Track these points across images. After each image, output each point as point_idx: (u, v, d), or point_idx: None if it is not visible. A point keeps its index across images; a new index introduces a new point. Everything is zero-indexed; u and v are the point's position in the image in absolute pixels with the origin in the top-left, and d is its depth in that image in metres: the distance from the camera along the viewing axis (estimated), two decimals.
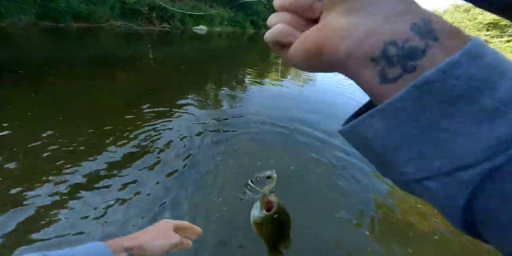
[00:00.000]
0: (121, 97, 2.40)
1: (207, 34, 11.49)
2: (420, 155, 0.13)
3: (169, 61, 4.49)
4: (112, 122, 1.85)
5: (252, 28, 19.02)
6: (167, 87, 2.92)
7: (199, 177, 1.42)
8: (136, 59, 4.06)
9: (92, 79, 2.76)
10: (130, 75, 3.22)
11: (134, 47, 5.16)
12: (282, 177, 1.17)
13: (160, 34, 8.97)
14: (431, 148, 0.13)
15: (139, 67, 3.67)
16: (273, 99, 3.09)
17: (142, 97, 2.46)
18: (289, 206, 0.39)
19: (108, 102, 2.26)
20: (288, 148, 1.91)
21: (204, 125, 2.04)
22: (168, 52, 5.55)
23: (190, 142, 1.75)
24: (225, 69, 4.61)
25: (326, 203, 1.41)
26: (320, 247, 1.13)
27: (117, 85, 2.77)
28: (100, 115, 1.97)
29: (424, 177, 0.13)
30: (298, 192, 1.45)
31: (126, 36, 6.97)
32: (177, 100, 2.51)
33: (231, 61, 5.75)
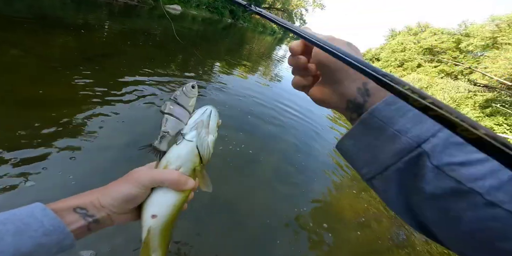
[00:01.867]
0: (47, 60, 2.08)
1: (181, 15, 10.66)
2: (367, 162, 0.23)
3: (126, 35, 4.06)
4: (31, 85, 1.62)
5: (230, 17, 18.36)
6: (112, 59, 2.64)
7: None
8: (83, 27, 3.54)
9: (15, 34, 2.31)
10: (69, 40, 2.80)
11: (85, 15, 4.47)
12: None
13: (125, 7, 7.93)
14: (371, 157, 0.23)
15: (85, 35, 3.22)
16: (236, 89, 3.12)
17: (76, 64, 2.18)
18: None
19: (28, 62, 1.94)
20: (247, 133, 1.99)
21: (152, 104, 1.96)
22: (128, 26, 4.98)
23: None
24: (191, 53, 4.40)
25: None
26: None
27: (48, 47, 2.37)
28: (10, 73, 1.70)
29: (371, 177, 0.23)
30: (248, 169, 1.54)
31: (78, 2, 5.96)
32: (121, 73, 2.31)
33: (201, 46, 5.49)
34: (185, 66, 3.43)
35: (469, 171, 0.18)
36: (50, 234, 0.23)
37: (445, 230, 0.19)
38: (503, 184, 0.17)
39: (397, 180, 0.21)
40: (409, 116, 0.21)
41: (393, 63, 18.56)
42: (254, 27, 24.73)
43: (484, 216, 0.17)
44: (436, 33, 17.39)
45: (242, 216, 1.34)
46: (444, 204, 0.19)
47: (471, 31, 14.73)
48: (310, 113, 3.53)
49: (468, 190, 0.18)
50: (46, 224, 0.23)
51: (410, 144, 0.20)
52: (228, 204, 1.37)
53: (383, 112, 0.22)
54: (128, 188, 0.29)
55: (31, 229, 0.22)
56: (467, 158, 0.19)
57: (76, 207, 0.26)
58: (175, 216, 0.32)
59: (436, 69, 15.51)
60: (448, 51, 15.90)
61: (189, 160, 0.32)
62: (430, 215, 0.20)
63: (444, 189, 0.18)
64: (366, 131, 0.23)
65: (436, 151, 0.19)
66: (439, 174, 0.19)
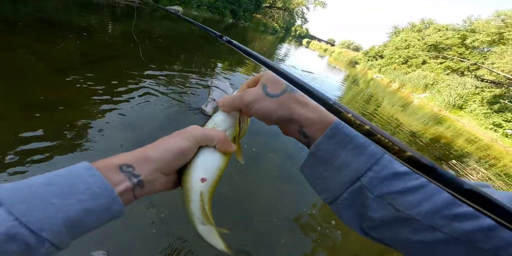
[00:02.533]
0: (53, 63, 2.09)
1: (182, 15, 10.66)
2: (322, 189, 0.26)
3: (128, 37, 4.07)
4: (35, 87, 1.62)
5: (231, 17, 18.35)
6: (116, 61, 2.65)
7: None
8: (86, 29, 3.56)
9: (20, 38, 2.33)
10: (73, 42, 2.82)
11: (88, 17, 4.50)
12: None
13: (126, 8, 7.98)
14: (324, 186, 0.25)
15: (88, 37, 3.24)
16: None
17: (81, 66, 2.18)
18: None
19: (36, 64, 1.95)
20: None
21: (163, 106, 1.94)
22: (131, 27, 5.00)
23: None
24: (193, 54, 4.40)
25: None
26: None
27: (53, 50, 2.39)
28: (22, 76, 1.71)
29: (329, 202, 0.25)
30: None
31: (80, 4, 6.01)
32: (125, 75, 2.31)
33: (202, 47, 5.49)
34: (188, 66, 3.41)
35: (407, 199, 0.20)
36: (98, 197, 0.20)
37: (401, 250, 0.21)
38: (439, 208, 0.19)
39: (348, 208, 0.24)
40: (348, 148, 0.23)
41: (397, 60, 18.32)
42: (256, 27, 24.69)
43: (427, 239, 0.19)
44: (440, 29, 17.11)
45: (248, 214, 1.31)
46: (393, 229, 0.21)
47: (476, 27, 14.47)
48: None
49: (408, 217, 0.19)
50: (93, 186, 0.20)
51: (351, 177, 0.22)
52: (234, 202, 1.35)
53: (327, 145, 0.24)
54: (179, 141, 0.27)
55: (78, 191, 0.19)
56: (404, 186, 0.20)
57: (123, 164, 0.23)
58: (218, 181, 0.31)
59: (442, 66, 15.25)
60: (453, 47, 15.63)
61: (232, 126, 0.33)
62: (383, 238, 0.22)
63: (388, 216, 0.21)
64: (316, 162, 0.25)
65: (374, 183, 0.21)
66: (381, 203, 0.21)
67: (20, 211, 0.17)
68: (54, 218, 0.18)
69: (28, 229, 0.17)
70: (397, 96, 11.35)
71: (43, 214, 0.17)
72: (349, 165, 0.23)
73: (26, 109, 1.45)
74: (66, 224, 0.18)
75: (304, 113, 0.26)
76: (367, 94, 8.20)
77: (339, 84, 8.21)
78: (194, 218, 0.29)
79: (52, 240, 0.18)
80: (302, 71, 7.12)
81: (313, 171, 0.26)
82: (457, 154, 4.65)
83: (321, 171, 0.25)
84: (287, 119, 0.27)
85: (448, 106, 11.70)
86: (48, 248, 0.18)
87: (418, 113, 8.40)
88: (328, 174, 0.24)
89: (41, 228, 0.17)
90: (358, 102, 6.00)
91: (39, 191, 0.18)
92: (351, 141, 0.23)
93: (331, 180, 0.24)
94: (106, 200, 0.21)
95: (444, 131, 6.66)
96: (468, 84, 12.19)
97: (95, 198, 0.20)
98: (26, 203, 0.17)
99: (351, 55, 28.07)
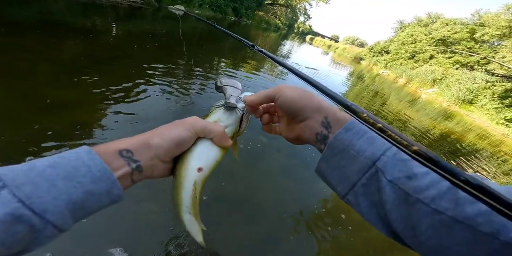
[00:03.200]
0: (59, 65, 2.11)
1: (184, 15, 10.68)
2: (339, 180, 0.27)
3: (132, 37, 4.09)
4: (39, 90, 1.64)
5: (233, 15, 18.28)
6: (120, 61, 2.66)
7: None
8: (90, 30, 3.59)
9: (27, 40, 2.37)
10: (78, 44, 2.85)
11: (91, 18, 4.54)
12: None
13: (129, 9, 8.03)
14: (342, 176, 0.27)
15: (93, 38, 3.26)
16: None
17: (86, 67, 2.19)
18: None
19: (43, 66, 1.98)
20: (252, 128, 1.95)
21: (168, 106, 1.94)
22: (134, 27, 5.02)
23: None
24: (197, 54, 4.39)
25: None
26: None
27: (58, 52, 2.42)
28: (30, 77, 1.73)
29: (345, 193, 0.26)
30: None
31: (83, 5, 6.07)
32: (130, 75, 2.32)
33: (205, 46, 5.47)
34: (191, 66, 3.41)
35: (415, 184, 0.21)
36: (98, 181, 0.20)
37: (410, 238, 0.22)
38: (444, 193, 0.20)
39: (365, 194, 0.25)
40: (364, 138, 0.25)
41: (403, 55, 17.91)
42: (258, 24, 24.53)
43: (434, 223, 0.20)
44: (448, 23, 16.64)
45: (253, 211, 1.29)
46: (404, 213, 0.22)
47: (485, 21, 14.02)
48: None
49: (416, 200, 0.21)
50: (94, 169, 0.20)
51: (367, 162, 0.24)
52: (239, 199, 1.33)
53: (344, 136, 0.26)
54: (181, 130, 0.28)
55: (80, 174, 0.20)
56: (412, 172, 0.22)
57: (123, 149, 0.24)
58: (210, 174, 0.32)
59: (450, 60, 14.84)
60: (462, 41, 15.19)
61: (234, 124, 0.35)
62: (396, 224, 0.23)
63: (400, 200, 0.22)
64: (333, 153, 0.27)
65: (387, 167, 0.23)
66: (394, 187, 0.22)
67: (24, 192, 0.17)
68: (57, 200, 0.18)
69: (31, 211, 0.17)
70: (404, 91, 11.11)
71: (46, 196, 0.17)
72: (365, 151, 0.25)
73: (35, 110, 1.47)
74: (68, 207, 0.18)
75: (328, 105, 0.29)
76: (373, 89, 8.05)
77: (344, 80, 8.08)
78: (182, 206, 0.29)
79: (55, 222, 0.18)
80: (306, 67, 7.03)
81: (330, 162, 0.28)
82: (468, 150, 4.51)
83: (338, 161, 0.27)
84: (315, 108, 0.29)
85: (457, 101, 11.40)
86: (51, 230, 0.18)
87: (426, 108, 8.20)
88: (345, 163, 0.26)
89: (45, 210, 0.17)
90: (364, 98, 5.89)
91: (43, 173, 0.18)
92: (366, 133, 0.26)
93: (348, 168, 0.26)
94: (106, 183, 0.21)
95: (453, 127, 6.49)
96: (478, 79, 11.83)
97: (95, 182, 0.20)
98: (30, 184, 0.17)
99: (355, 51, 27.62)
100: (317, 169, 0.30)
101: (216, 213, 1.20)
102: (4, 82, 1.64)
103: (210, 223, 1.12)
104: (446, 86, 12.73)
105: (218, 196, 1.29)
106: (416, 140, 3.77)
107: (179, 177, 0.29)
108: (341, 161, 0.26)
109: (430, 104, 9.84)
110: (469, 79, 12.08)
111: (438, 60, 15.43)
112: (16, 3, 3.82)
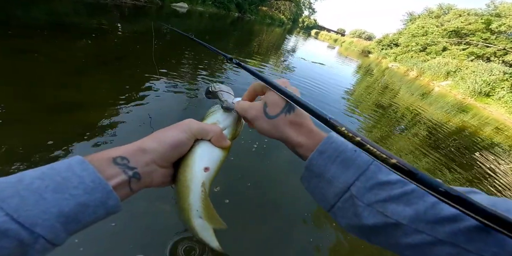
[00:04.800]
0: (67, 65, 2.11)
1: (188, 12, 10.64)
2: (320, 199, 0.28)
3: (138, 36, 4.08)
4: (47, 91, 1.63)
5: (237, 11, 18.07)
6: (127, 61, 2.65)
7: None
8: (96, 30, 3.60)
9: (35, 41, 2.39)
10: (85, 44, 2.85)
11: (97, 18, 4.56)
12: None
13: (134, 8, 8.06)
14: (322, 196, 0.27)
15: (99, 38, 3.27)
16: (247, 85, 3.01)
17: (94, 68, 2.19)
18: None
19: (51, 66, 1.98)
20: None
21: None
22: (139, 27, 5.02)
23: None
24: (203, 51, 4.34)
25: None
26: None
27: (66, 53, 2.43)
28: (39, 79, 1.73)
29: (328, 210, 0.27)
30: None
31: (88, 5, 6.12)
32: (137, 74, 2.30)
33: (211, 43, 5.41)
34: (197, 63, 3.36)
35: (392, 206, 0.22)
36: (92, 192, 0.19)
37: (398, 254, 0.23)
38: (420, 214, 0.20)
39: (343, 216, 0.26)
40: (338, 162, 0.25)
41: (414, 48, 17.22)
42: (262, 20, 24.17)
43: (416, 242, 0.20)
44: (461, 14, 15.90)
45: (265, 210, 1.25)
46: (386, 234, 0.22)
47: (502, 11, 13.34)
48: (325, 102, 3.34)
49: (396, 222, 0.21)
50: (86, 179, 0.19)
51: (341, 188, 0.25)
52: (250, 198, 1.28)
53: (318, 161, 0.26)
54: (176, 133, 0.27)
55: (71, 186, 0.19)
56: (389, 194, 0.22)
57: (117, 156, 0.22)
58: (216, 174, 0.31)
59: (465, 52, 14.18)
60: (477, 32, 14.47)
61: (231, 126, 0.35)
62: (379, 243, 0.24)
63: (380, 223, 0.22)
64: (311, 175, 0.27)
65: (362, 192, 0.23)
66: (371, 211, 0.23)
67: (11, 206, 0.16)
68: (46, 213, 0.17)
69: (19, 225, 0.16)
70: (415, 84, 10.71)
71: (35, 209, 0.17)
72: (339, 177, 0.25)
73: (44, 111, 1.45)
74: (60, 220, 0.18)
75: (295, 137, 0.28)
76: (383, 83, 7.78)
77: (351, 74, 7.85)
78: (191, 211, 0.27)
79: (47, 236, 0.17)
80: (313, 62, 6.86)
81: (310, 183, 0.28)
82: (484, 145, 4.28)
83: (316, 183, 0.27)
84: (281, 140, 0.30)
85: (473, 93, 10.88)
86: (43, 244, 0.17)
87: (439, 101, 7.87)
88: (323, 186, 0.26)
89: (34, 224, 0.17)
90: (373, 92, 5.69)
91: (31, 185, 0.18)
92: (339, 155, 0.25)
93: (326, 191, 0.26)
94: (101, 194, 0.20)
95: (469, 120, 6.19)
96: (496, 70, 11.23)
97: (89, 192, 0.19)
98: (17, 197, 0.17)
99: (363, 45, 26.82)
100: (301, 182, 0.30)
101: (227, 212, 1.16)
102: (12, 83, 1.65)
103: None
104: (461, 78, 12.17)
105: (229, 195, 1.24)
106: (427, 135, 3.60)
107: (184, 181, 0.27)
108: (319, 184, 0.27)
109: (443, 97, 9.45)
110: (486, 71, 11.48)
111: (451, 52, 14.75)
112: (24, 4, 3.88)
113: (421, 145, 3.06)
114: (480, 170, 2.91)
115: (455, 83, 12.18)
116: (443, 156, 2.93)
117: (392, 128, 3.43)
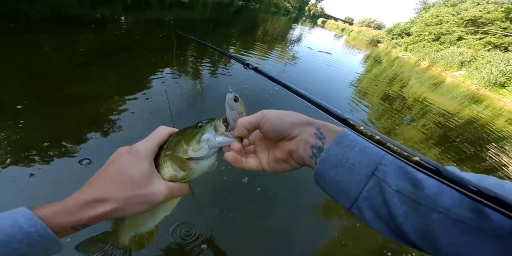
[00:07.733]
0: (73, 58, 2.12)
1: (190, 2, 10.38)
2: (339, 195, 0.26)
3: (142, 27, 4.03)
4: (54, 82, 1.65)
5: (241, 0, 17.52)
6: (132, 52, 2.63)
7: None
8: (101, 22, 3.57)
9: (41, 35, 2.39)
10: (90, 36, 2.84)
11: (100, 10, 4.51)
12: None
13: None
14: (341, 191, 0.25)
15: (104, 30, 3.24)
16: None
17: (99, 60, 2.20)
18: None
19: (58, 60, 2.00)
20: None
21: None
22: (142, 17, 4.95)
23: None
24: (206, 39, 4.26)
25: None
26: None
27: (71, 45, 2.43)
28: (46, 72, 1.75)
29: (349, 207, 0.25)
30: None
31: None
32: (142, 66, 2.29)
33: (215, 35, 5.31)
34: (202, 54, 3.31)
35: (423, 191, 0.20)
36: (36, 244, 0.20)
37: (432, 251, 0.20)
38: (459, 201, 0.18)
39: (370, 208, 0.23)
40: (356, 150, 0.24)
41: (427, 37, 16.40)
42: (267, 8, 23.41)
43: (457, 235, 0.18)
44: (479, 3, 14.85)
45: (267, 203, 1.25)
46: (420, 225, 0.20)
47: None
48: (330, 93, 3.25)
49: (432, 210, 0.19)
50: (33, 235, 0.20)
51: (365, 174, 0.23)
52: (252, 191, 1.29)
53: (337, 150, 0.25)
54: (144, 208, 0.28)
55: (15, 241, 0.19)
56: (416, 178, 0.21)
57: (76, 225, 0.24)
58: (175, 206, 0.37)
59: (482, 42, 13.42)
60: (496, 21, 13.59)
61: (204, 172, 0.34)
62: (413, 236, 0.20)
63: (412, 212, 0.20)
64: (328, 168, 0.26)
65: (388, 176, 0.22)
66: (402, 198, 0.21)
67: None
68: None
69: None
70: (426, 74, 10.31)
71: None
72: (360, 163, 0.23)
73: (53, 104, 1.47)
74: None
75: (317, 120, 0.29)
76: (392, 73, 7.51)
77: (359, 63, 7.60)
78: (136, 228, 0.35)
79: None
80: (319, 51, 6.65)
81: (325, 178, 0.26)
82: (495, 137, 4.13)
83: (333, 176, 0.25)
84: (305, 122, 0.28)
85: (488, 84, 10.39)
86: None
87: (452, 92, 7.57)
88: (341, 178, 0.25)
89: None
90: (381, 82, 5.51)
91: None
92: (357, 144, 0.25)
93: (345, 184, 0.24)
94: (46, 245, 0.21)
95: (482, 111, 5.96)
96: None
97: (32, 245, 0.20)
98: None
99: (372, 34, 25.73)
100: (316, 183, 0.29)
101: (229, 205, 1.16)
102: (20, 76, 1.67)
103: (223, 215, 1.10)
104: (476, 68, 11.60)
105: (231, 188, 1.25)
106: (441, 125, 3.50)
107: (149, 222, 0.35)
108: (336, 177, 0.25)
109: (456, 87, 9.09)
110: (503, 60, 10.87)
111: (467, 42, 13.99)
112: None
113: (431, 135, 2.98)
114: (492, 161, 2.83)
115: (469, 73, 11.63)
116: (454, 146, 2.85)
117: (400, 119, 3.35)
